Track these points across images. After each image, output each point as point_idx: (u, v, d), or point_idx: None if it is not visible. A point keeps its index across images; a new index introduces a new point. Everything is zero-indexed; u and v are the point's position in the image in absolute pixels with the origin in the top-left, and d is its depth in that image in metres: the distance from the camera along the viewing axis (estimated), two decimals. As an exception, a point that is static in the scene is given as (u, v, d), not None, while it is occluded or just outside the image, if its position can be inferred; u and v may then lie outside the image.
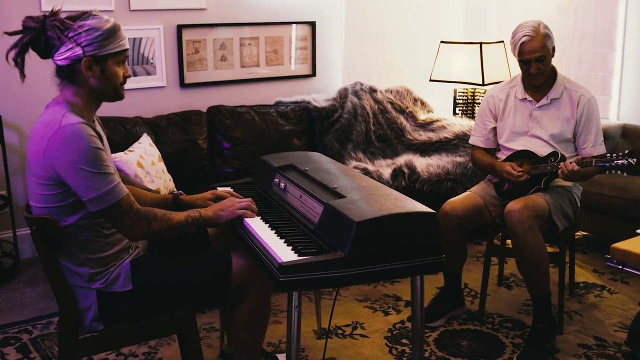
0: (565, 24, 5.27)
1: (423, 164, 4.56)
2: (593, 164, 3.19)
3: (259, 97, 5.03)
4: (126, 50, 2.33)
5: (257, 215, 2.52)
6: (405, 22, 5.74)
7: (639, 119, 4.92)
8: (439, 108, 5.56)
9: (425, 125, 5.18)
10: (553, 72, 3.50)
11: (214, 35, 4.77)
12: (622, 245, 2.13)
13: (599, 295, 3.89)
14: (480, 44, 5.29)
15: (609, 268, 4.27)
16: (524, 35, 3.33)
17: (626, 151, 3.14)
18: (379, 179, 4.29)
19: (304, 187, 2.52)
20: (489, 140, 3.65)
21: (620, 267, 2.27)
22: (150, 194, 2.76)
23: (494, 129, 3.63)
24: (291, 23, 5.13)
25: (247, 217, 2.48)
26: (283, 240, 2.25)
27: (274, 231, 2.35)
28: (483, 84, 5.29)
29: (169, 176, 3.87)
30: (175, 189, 3.87)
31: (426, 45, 5.83)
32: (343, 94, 5.08)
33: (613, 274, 4.20)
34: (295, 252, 2.12)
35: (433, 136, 5.02)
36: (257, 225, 2.41)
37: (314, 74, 5.32)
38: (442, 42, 5.53)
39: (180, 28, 4.60)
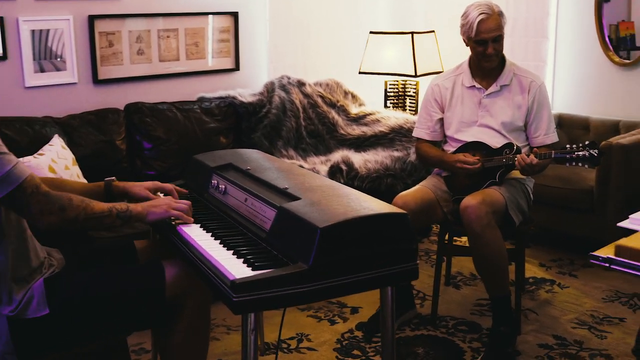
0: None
1: (360, 160, 4.31)
2: (552, 155, 3.00)
3: (180, 93, 4.65)
4: None
5: (195, 223, 2.19)
6: (332, 12, 5.48)
7: (573, 108, 4.83)
8: (370, 101, 5.32)
9: (358, 119, 4.93)
10: (502, 58, 3.31)
11: (129, 27, 4.37)
12: (628, 242, 1.90)
13: (550, 290, 3.74)
14: (412, 33, 5.09)
15: (555, 262, 4.14)
16: (481, 14, 3.12)
17: (586, 142, 2.97)
18: (316, 177, 4.01)
19: (249, 189, 2.21)
20: (435, 132, 3.43)
21: (607, 265, 2.06)
22: (79, 182, 2.39)
23: (441, 119, 3.41)
24: (212, 14, 4.77)
25: (182, 221, 2.15)
26: (232, 252, 1.93)
27: (219, 241, 2.03)
28: (415, 75, 5.08)
29: (84, 181, 3.47)
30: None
31: (354, 36, 5.59)
32: (270, 88, 4.77)
33: (560, 267, 4.07)
34: (248, 266, 1.81)
35: (367, 130, 4.78)
36: (197, 235, 2.08)
37: (237, 67, 4.98)
38: (371, 32, 5.30)
39: (91, 19, 4.17)
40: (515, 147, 3.13)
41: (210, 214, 2.30)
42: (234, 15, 4.88)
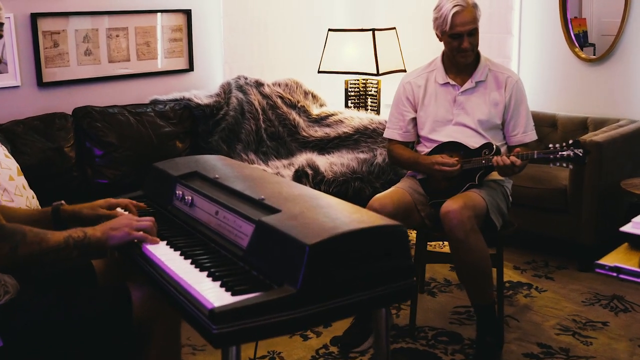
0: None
1: (325, 163, 4.10)
2: (535, 156, 2.85)
3: (132, 95, 4.38)
4: None
5: (161, 240, 1.96)
6: (289, 8, 5.27)
7: (540, 105, 4.71)
8: (330, 101, 5.13)
9: (320, 120, 4.73)
10: (476, 53, 3.15)
11: (76, 26, 4.08)
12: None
13: (528, 295, 3.60)
14: (373, 30, 4.91)
15: (529, 264, 4.01)
16: (455, 6, 2.95)
17: (570, 141, 2.82)
18: (281, 182, 3.79)
19: (220, 200, 1.98)
20: (408, 133, 3.25)
21: (615, 274, 1.89)
22: (24, 209, 2.14)
23: (414, 119, 3.23)
24: (163, 11, 4.52)
25: (147, 242, 1.92)
26: (205, 273, 1.70)
27: (190, 260, 1.80)
28: (378, 74, 4.91)
29: (31, 192, 3.17)
30: (40, 207, 3.18)
31: (313, 34, 5.39)
32: (227, 89, 4.53)
33: (535, 270, 3.94)
34: (227, 290, 1.59)
35: (330, 132, 4.58)
36: (165, 254, 1.85)
37: (191, 68, 4.73)
38: (330, 29, 5.10)
39: (34, 17, 3.87)
40: (494, 148, 2.97)
41: (176, 229, 2.06)
42: (187, 13, 4.63)
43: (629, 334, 3.15)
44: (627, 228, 2.05)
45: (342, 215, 1.75)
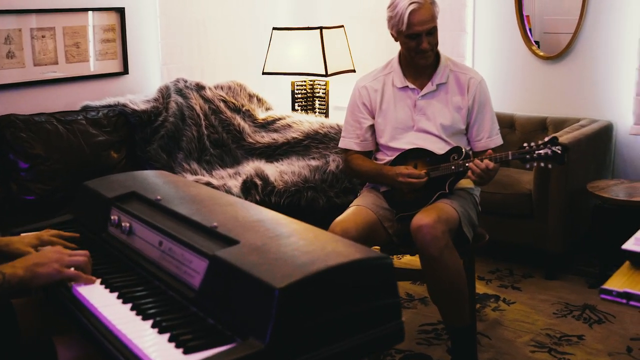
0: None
1: (274, 171, 3.80)
2: (510, 157, 2.62)
3: (61, 102, 3.99)
4: None
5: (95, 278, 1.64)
6: (230, 6, 4.95)
7: (497, 105, 4.41)
8: (276, 104, 4.83)
9: (267, 125, 4.43)
10: (436, 54, 2.91)
11: (-6, 25, 3.69)
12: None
13: (497, 308, 3.38)
14: (320, 28, 4.64)
15: (494, 273, 3.80)
16: (412, 3, 2.69)
17: (546, 138, 2.60)
18: (228, 193, 3.47)
19: (164, 228, 1.67)
20: (366, 142, 2.98)
21: (625, 301, 1.66)
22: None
23: (371, 126, 2.96)
24: (94, 9, 4.14)
25: (80, 281, 1.59)
26: (150, 322, 1.39)
27: (130, 305, 1.48)
28: (326, 75, 4.64)
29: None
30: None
31: (256, 33, 5.09)
32: (165, 94, 4.18)
33: (500, 279, 3.73)
34: (178, 346, 1.28)
35: (278, 137, 4.28)
36: (100, 298, 1.53)
37: (126, 71, 4.37)
38: (274, 28, 4.81)
39: (-55, 15, 3.47)
40: (463, 152, 2.73)
41: (112, 263, 1.74)
42: (120, 12, 4.27)
43: (607, 348, 2.96)
44: (629, 245, 1.82)
45: (313, 246, 1.46)
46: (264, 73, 4.85)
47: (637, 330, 3.13)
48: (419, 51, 2.77)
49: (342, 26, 4.88)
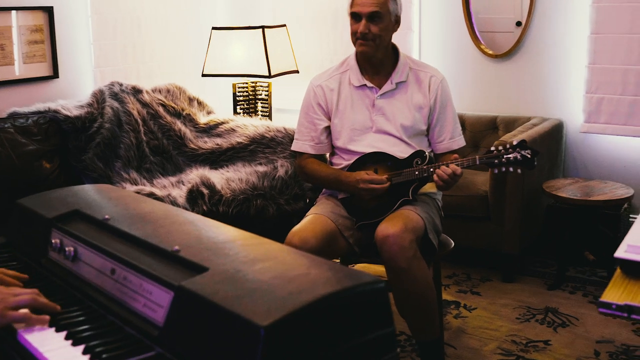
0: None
1: (221, 179, 3.60)
2: (478, 162, 2.49)
3: (-16, 109, 3.70)
4: None
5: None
6: (166, 5, 4.71)
7: (445, 104, 4.41)
8: (218, 108, 4.62)
9: (209, 130, 4.21)
10: (395, 51, 2.76)
11: None
12: None
13: (458, 315, 3.26)
14: (263, 28, 4.45)
15: (451, 278, 3.69)
16: None
17: (514, 142, 2.49)
18: (174, 205, 3.24)
19: (117, 252, 1.46)
20: (321, 145, 2.81)
21: (626, 314, 1.54)
22: None
23: (327, 128, 2.80)
24: (19, 9, 3.84)
25: (30, 324, 1.37)
26: (108, 370, 1.18)
27: (82, 348, 1.27)
28: (270, 76, 4.45)
29: None
30: None
31: (194, 33, 4.87)
32: (100, 98, 3.91)
33: (459, 284, 3.62)
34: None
35: (222, 142, 4.07)
36: (46, 340, 1.31)
37: (56, 74, 4.08)
38: (213, 28, 4.59)
39: None
40: (427, 156, 2.59)
41: (56, 295, 1.52)
42: (48, 11, 3.98)
43: (575, 353, 2.88)
44: (620, 253, 1.70)
45: (295, 271, 1.28)
46: (203, 75, 4.63)
47: (601, 332, 3.06)
48: (357, 36, 2.63)
49: (285, 25, 4.71)
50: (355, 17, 2.62)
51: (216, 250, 1.40)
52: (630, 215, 3.99)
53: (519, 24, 4.34)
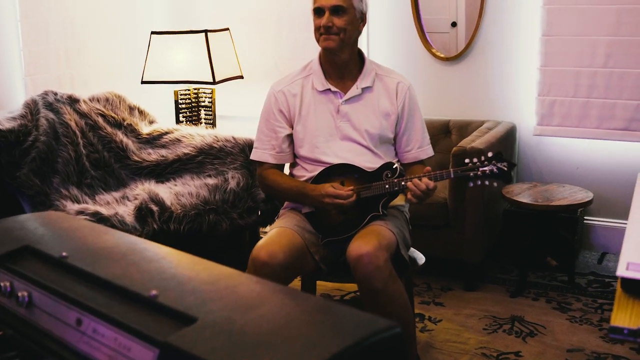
0: (298, 4, 4.46)
1: (169, 194, 3.39)
2: (452, 175, 2.38)
3: None
4: None
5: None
6: (101, 8, 4.46)
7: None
8: (160, 116, 4.39)
9: (153, 141, 3.98)
10: (360, 56, 2.63)
11: None
12: None
13: (424, 328, 3.15)
14: (206, 32, 4.25)
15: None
16: None
17: (489, 154, 2.38)
18: (121, 225, 3.03)
19: (82, 299, 1.26)
20: (283, 154, 2.65)
21: (632, 339, 1.44)
22: None
23: (289, 136, 2.64)
24: (-59, 14, 3.55)
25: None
26: None
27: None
28: (214, 82, 4.26)
29: None
30: None
31: (132, 38, 4.63)
32: (33, 109, 3.63)
33: (420, 295, 3.52)
34: None
35: (168, 154, 3.86)
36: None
37: (-18, 84, 3.80)
38: (152, 32, 4.37)
39: None
40: (397, 169, 2.47)
41: (9, 349, 1.31)
42: (-27, 16, 3.69)
43: (547, 365, 2.81)
44: (622, 272, 1.61)
45: (300, 320, 1.12)
46: (143, 82, 4.40)
47: (570, 340, 3.01)
48: (320, 31, 2.49)
49: (228, 29, 4.52)
50: (318, 12, 2.50)
51: (201, 294, 1.22)
52: (585, 217, 3.98)
53: (454, 24, 4.29)
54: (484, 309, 3.33)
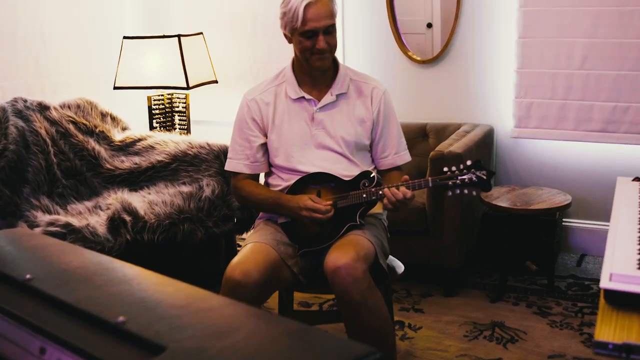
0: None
1: (143, 203, 3.32)
2: (430, 184, 2.33)
3: None
4: None
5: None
6: (72, 13, 4.37)
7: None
8: (133, 123, 4.32)
9: (126, 148, 3.91)
10: (334, 61, 2.59)
11: None
12: None
13: (404, 336, 3.11)
14: (179, 36, 4.18)
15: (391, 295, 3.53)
16: None
17: (468, 162, 2.34)
18: (93, 237, 2.95)
19: (46, 325, 1.20)
20: (257, 163, 2.60)
21: (617, 354, 1.40)
22: None
23: (264, 145, 2.59)
24: None
25: None
26: None
27: None
28: (188, 87, 4.19)
29: None
30: None
31: (104, 43, 4.54)
32: (2, 117, 3.55)
33: (400, 301, 3.48)
34: None
35: (141, 161, 3.78)
36: None
37: (-51, 92, 3.70)
38: (124, 37, 4.29)
39: None
40: (374, 178, 2.42)
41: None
42: (-62, 23, 3.59)
43: (528, 372, 2.78)
44: (605, 283, 1.58)
45: (275, 346, 1.07)
46: (115, 88, 4.32)
47: (551, 346, 2.98)
48: (315, 51, 2.43)
49: (201, 33, 4.45)
50: (309, 34, 2.41)
51: (170, 320, 1.16)
52: (564, 220, 3.97)
53: (429, 25, 4.26)
54: (464, 315, 3.30)
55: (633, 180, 2.51)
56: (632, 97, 3.72)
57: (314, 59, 2.45)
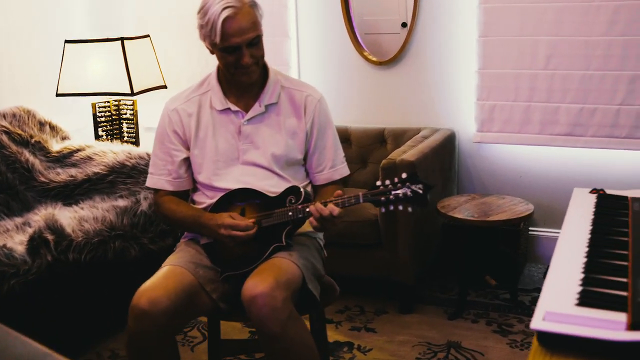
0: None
1: (72, 219, 3.06)
2: (361, 200, 2.10)
3: None
4: None
5: None
6: (9, 16, 4.11)
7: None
8: (76, 132, 4.08)
9: (63, 159, 3.67)
10: (263, 68, 2.35)
11: None
12: None
13: (352, 359, 2.89)
14: (122, 39, 3.95)
15: (343, 313, 3.32)
16: (225, 8, 2.10)
17: (403, 175, 2.11)
18: (8, 259, 2.70)
19: None
20: (180, 180, 2.36)
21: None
22: None
23: (187, 160, 2.35)
24: None
25: None
26: None
27: None
28: (132, 94, 3.95)
29: None
30: None
31: (45, 47, 4.29)
32: None
33: (351, 320, 3.27)
34: None
35: (77, 173, 3.55)
36: None
37: None
38: (67, 41, 4.04)
39: None
40: (303, 193, 2.19)
41: None
42: None
43: (482, 400, 2.56)
44: (537, 323, 1.35)
45: None
46: (58, 95, 4.08)
47: (509, 369, 2.76)
48: (239, 67, 2.19)
49: (148, 36, 4.21)
50: (230, 50, 2.17)
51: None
52: (530, 229, 3.76)
53: (404, 25, 4.03)
54: (419, 335, 3.08)
55: (591, 192, 2.30)
56: (599, 99, 3.51)
57: (239, 74, 2.22)
